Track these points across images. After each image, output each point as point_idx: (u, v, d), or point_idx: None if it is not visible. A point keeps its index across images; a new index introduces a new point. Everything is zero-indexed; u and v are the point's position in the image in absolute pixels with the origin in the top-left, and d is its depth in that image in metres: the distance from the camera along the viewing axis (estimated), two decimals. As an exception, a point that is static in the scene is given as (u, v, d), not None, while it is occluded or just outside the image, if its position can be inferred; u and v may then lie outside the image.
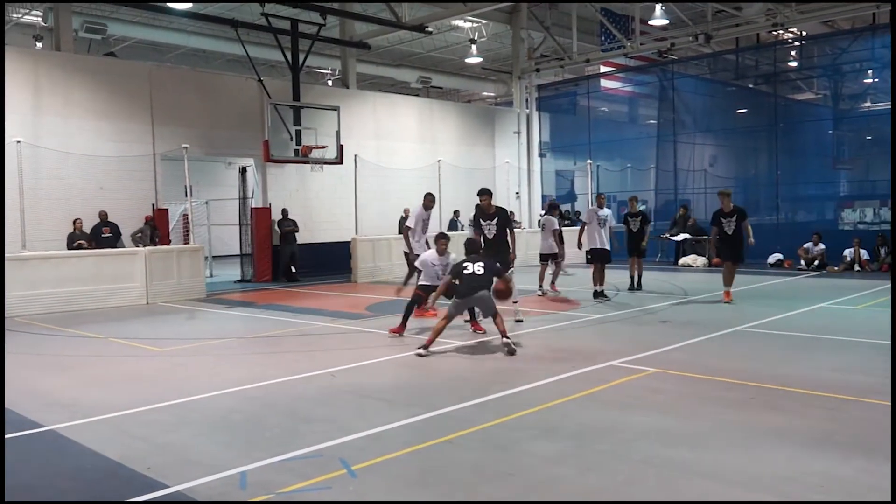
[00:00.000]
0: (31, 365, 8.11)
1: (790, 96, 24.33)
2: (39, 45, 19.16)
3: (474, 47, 22.84)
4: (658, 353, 7.74)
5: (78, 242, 14.11)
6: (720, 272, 12.06)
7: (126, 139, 15.59)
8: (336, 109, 17.63)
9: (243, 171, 17.60)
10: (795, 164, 21.17)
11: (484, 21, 22.70)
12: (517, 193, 23.89)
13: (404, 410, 5.74)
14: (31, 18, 18.99)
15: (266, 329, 10.39)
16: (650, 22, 19.55)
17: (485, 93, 31.15)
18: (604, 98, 26.24)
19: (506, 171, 23.25)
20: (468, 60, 23.64)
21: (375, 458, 4.58)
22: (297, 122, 16.96)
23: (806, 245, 17.32)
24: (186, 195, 15.44)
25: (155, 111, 16.08)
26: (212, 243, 20.15)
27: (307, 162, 17.11)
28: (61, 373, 7.70)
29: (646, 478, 4.23)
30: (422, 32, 20.65)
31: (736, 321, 9.73)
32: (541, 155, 24.80)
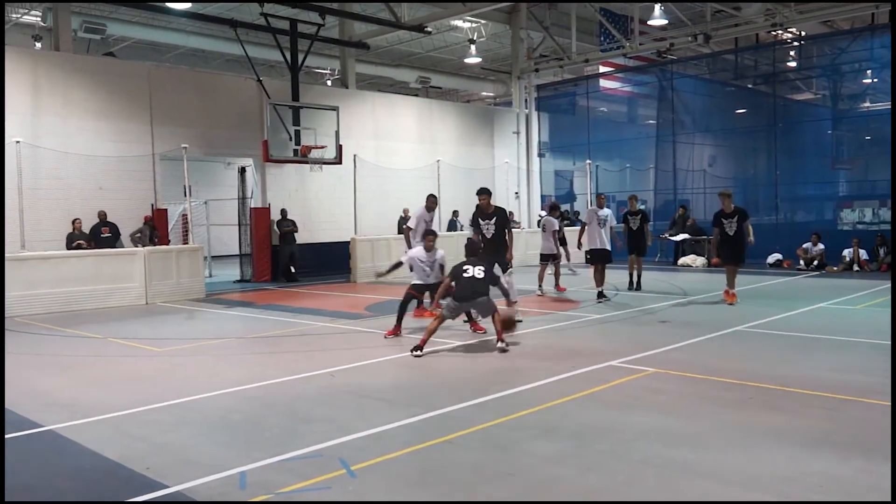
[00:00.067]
0: (31, 365, 8.10)
1: (789, 96, 24.35)
2: (38, 46, 19.14)
3: (473, 47, 22.85)
4: (658, 353, 7.75)
5: (77, 242, 14.11)
6: (720, 272, 12.07)
7: (125, 139, 15.59)
8: (335, 109, 17.65)
9: (242, 171, 17.60)
10: (794, 165, 21.18)
11: (483, 21, 22.70)
12: (516, 193, 23.90)
13: (404, 410, 5.74)
14: (31, 18, 18.98)
15: (265, 329, 10.38)
16: (649, 22, 19.56)
17: (484, 93, 31.16)
18: (603, 98, 26.25)
19: (505, 172, 23.27)
20: (467, 60, 23.65)
21: (375, 458, 4.58)
22: (297, 122, 16.98)
23: (805, 245, 17.32)
24: (185, 195, 15.44)
25: (154, 111, 16.08)
26: (211, 243, 20.15)
27: (306, 162, 17.12)
28: (60, 373, 7.70)
29: (645, 478, 4.23)
30: (421, 32, 20.66)
31: (735, 321, 9.73)
32: (540, 155, 24.80)
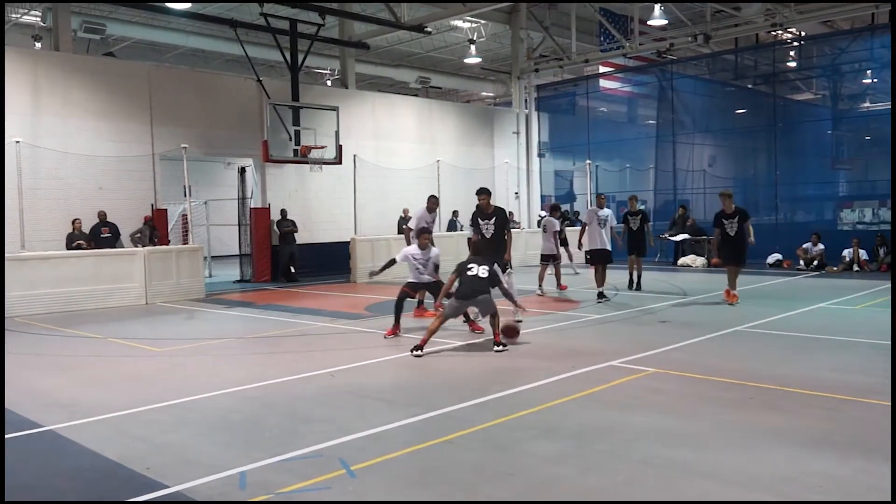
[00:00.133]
0: (31, 365, 8.10)
1: (789, 96, 24.36)
2: (38, 46, 19.14)
3: (473, 47, 22.85)
4: (657, 354, 7.75)
5: (77, 242, 14.11)
6: (719, 272, 12.05)
7: (125, 139, 15.59)
8: (335, 109, 17.64)
9: (242, 172, 17.60)
10: (794, 165, 21.18)
11: (483, 21, 22.70)
12: (516, 194, 23.91)
13: (404, 410, 5.74)
14: (30, 18, 18.98)
15: (265, 329, 10.38)
16: (649, 22, 19.56)
17: (484, 93, 31.16)
18: (603, 98, 26.25)
19: (505, 172, 23.27)
20: (467, 60, 23.66)
21: (375, 459, 4.58)
22: (296, 123, 16.97)
23: (805, 245, 17.32)
24: (185, 195, 15.44)
25: (154, 111, 16.08)
26: (211, 243, 20.15)
27: (306, 162, 17.11)
28: (60, 373, 7.70)
29: (645, 478, 4.23)
30: (421, 32, 20.66)
31: (735, 321, 9.73)
32: (540, 155, 24.81)
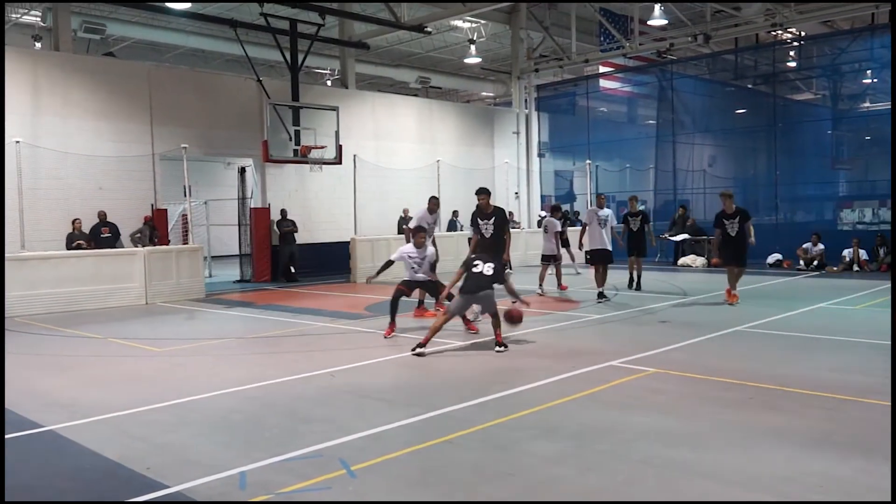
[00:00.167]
0: (31, 365, 8.10)
1: (789, 96, 24.36)
2: (38, 46, 19.14)
3: (473, 47, 22.85)
4: (658, 354, 7.75)
5: (77, 243, 14.11)
6: (720, 272, 12.03)
7: (125, 139, 15.59)
8: (335, 109, 17.64)
9: (242, 172, 17.60)
10: (794, 165, 21.19)
11: (483, 21, 22.70)
12: (516, 194, 23.91)
13: (404, 410, 5.74)
14: (30, 18, 18.98)
15: (265, 329, 10.38)
16: (649, 22, 19.57)
17: (484, 93, 31.16)
18: (603, 98, 26.26)
19: (505, 172, 23.27)
20: (467, 60, 23.66)
21: (375, 459, 4.58)
22: (296, 123, 16.97)
23: (805, 245, 17.32)
24: (185, 195, 15.44)
25: (154, 111, 16.07)
26: (211, 243, 20.15)
27: (306, 162, 17.11)
28: (60, 373, 7.70)
29: (645, 478, 4.23)
30: (421, 33, 20.66)
31: (735, 321, 9.73)
32: (540, 155, 24.81)
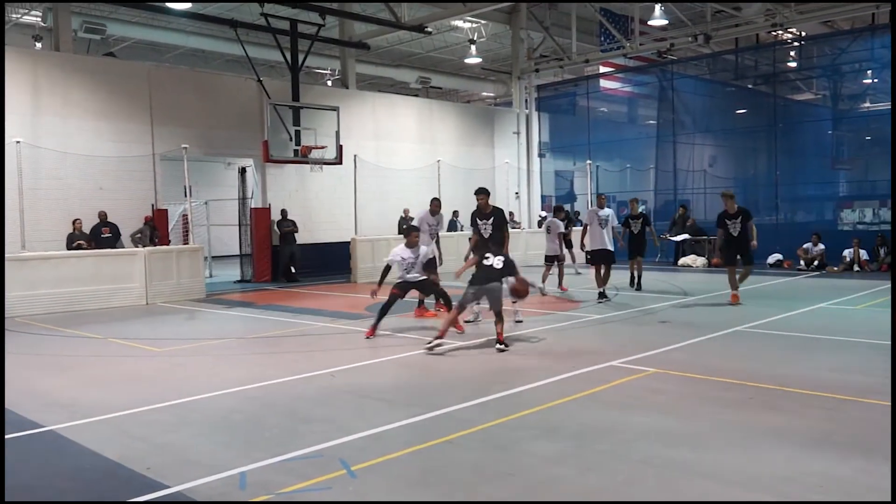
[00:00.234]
0: (31, 365, 8.10)
1: (789, 96, 24.35)
2: (39, 46, 19.15)
3: (473, 48, 22.85)
4: (658, 354, 7.74)
5: (77, 243, 14.11)
6: (720, 272, 12.01)
7: (125, 139, 15.59)
8: (335, 110, 17.64)
9: (243, 172, 17.60)
10: (795, 165, 21.18)
11: (483, 21, 22.70)
12: (517, 194, 23.90)
13: (404, 410, 5.74)
14: (31, 18, 18.99)
15: (266, 329, 10.39)
16: (649, 22, 19.57)
17: (484, 93, 31.16)
18: (603, 98, 26.25)
19: (505, 172, 23.27)
20: (467, 61, 23.66)
21: (375, 459, 4.58)
22: (297, 123, 16.97)
23: (805, 245, 17.32)
24: (186, 195, 15.44)
25: (154, 111, 16.08)
26: (211, 244, 20.15)
27: (307, 162, 17.11)
28: (61, 373, 7.70)
29: (645, 478, 4.23)
30: (421, 33, 20.66)
31: (735, 321, 9.73)
32: (540, 155, 24.81)
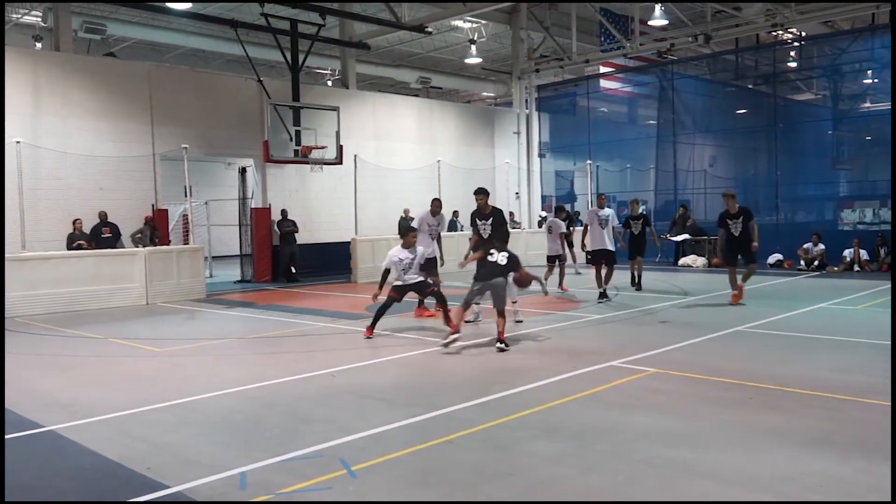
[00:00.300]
0: (31, 365, 8.11)
1: (790, 97, 24.33)
2: (39, 46, 19.15)
3: (474, 48, 22.84)
4: (658, 354, 7.75)
5: (78, 243, 14.11)
6: (720, 273, 12.01)
7: (125, 139, 15.59)
8: (336, 110, 17.64)
9: (243, 172, 17.60)
10: (795, 165, 21.17)
11: (483, 21, 22.69)
12: (517, 194, 23.90)
13: (405, 410, 5.74)
14: (31, 19, 18.99)
15: (266, 329, 10.39)
16: (650, 22, 19.55)
17: (484, 93, 31.15)
18: (603, 98, 26.23)
19: (505, 172, 23.26)
20: (468, 61, 23.65)
21: (376, 459, 4.59)
22: (297, 123, 16.97)
23: (806, 245, 17.32)
24: (186, 195, 15.45)
25: (154, 111, 16.07)
26: (211, 244, 20.15)
27: (307, 162, 17.11)
28: (61, 373, 7.71)
29: (646, 478, 4.23)
30: (421, 33, 20.66)
31: (736, 321, 9.73)
32: (540, 155, 24.80)
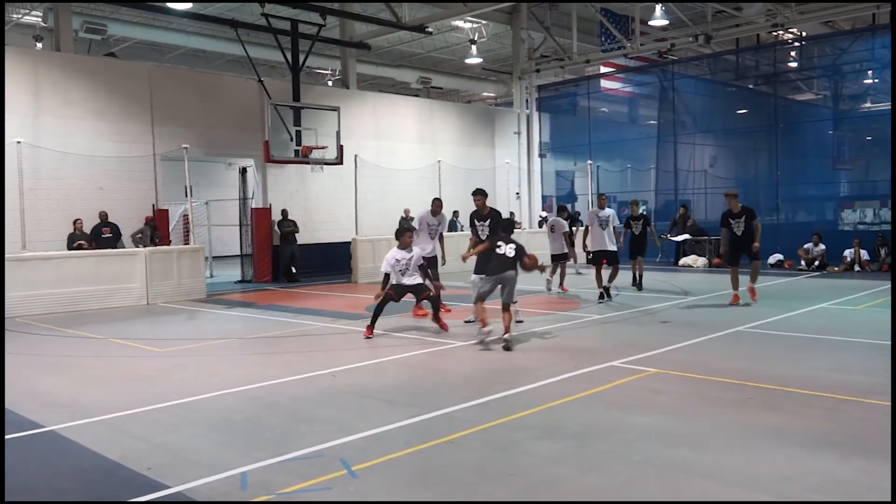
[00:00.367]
0: (31, 365, 8.11)
1: (790, 97, 24.31)
2: (39, 46, 19.16)
3: (474, 48, 22.84)
4: (659, 354, 7.75)
5: (78, 243, 14.11)
6: (720, 273, 12.01)
7: (126, 139, 15.59)
8: (336, 110, 17.65)
9: (243, 172, 17.61)
10: (795, 165, 21.15)
11: (484, 21, 22.70)
12: (517, 194, 23.91)
13: (405, 410, 5.74)
14: (31, 19, 18.99)
15: (266, 329, 10.39)
16: (650, 22, 19.55)
17: (485, 93, 31.14)
18: (604, 98, 26.22)
19: (506, 172, 23.27)
20: (468, 61, 23.65)
21: (376, 459, 4.59)
22: (298, 123, 16.97)
23: (806, 245, 17.32)
24: (186, 196, 15.45)
25: (155, 111, 16.08)
26: (212, 244, 20.15)
27: (307, 162, 17.11)
28: (61, 373, 7.71)
29: (646, 478, 4.23)
30: (422, 33, 20.65)
31: (736, 322, 9.73)
32: (541, 155, 24.81)
